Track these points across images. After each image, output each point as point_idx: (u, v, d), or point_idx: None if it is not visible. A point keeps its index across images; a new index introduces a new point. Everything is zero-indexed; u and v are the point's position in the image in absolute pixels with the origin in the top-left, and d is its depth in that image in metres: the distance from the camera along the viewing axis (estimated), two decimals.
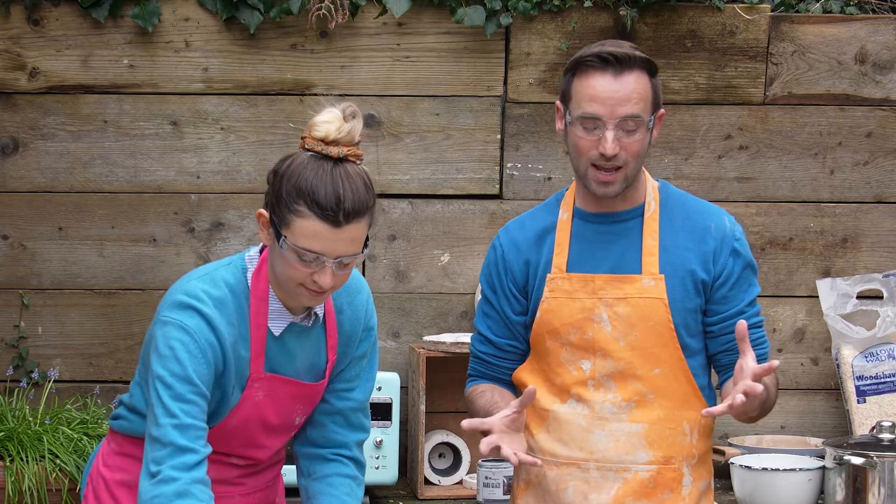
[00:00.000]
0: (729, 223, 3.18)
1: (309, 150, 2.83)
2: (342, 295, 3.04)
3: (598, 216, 3.17)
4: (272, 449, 3.06)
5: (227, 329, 2.87)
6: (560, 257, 3.17)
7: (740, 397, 2.85)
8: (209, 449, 2.85)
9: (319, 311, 2.99)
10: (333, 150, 2.82)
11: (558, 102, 3.14)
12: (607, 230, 3.17)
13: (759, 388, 2.87)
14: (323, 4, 4.69)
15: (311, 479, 3.12)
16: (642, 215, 3.16)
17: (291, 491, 3.30)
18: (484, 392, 3.23)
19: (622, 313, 3.11)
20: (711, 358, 3.20)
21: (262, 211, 2.86)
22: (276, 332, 2.94)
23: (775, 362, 2.91)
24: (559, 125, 3.14)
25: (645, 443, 3.13)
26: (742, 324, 2.91)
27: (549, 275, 3.17)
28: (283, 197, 2.79)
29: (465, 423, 3.01)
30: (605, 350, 3.12)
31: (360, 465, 3.14)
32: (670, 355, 3.12)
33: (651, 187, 3.19)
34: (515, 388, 3.28)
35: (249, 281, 2.92)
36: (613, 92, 3.04)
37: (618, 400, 3.13)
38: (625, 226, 3.16)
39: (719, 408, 2.90)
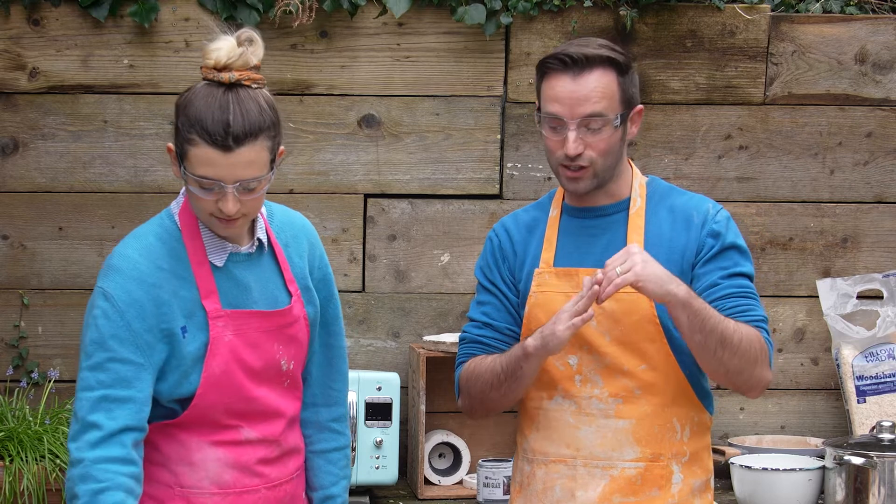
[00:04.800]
0: (712, 209, 3.17)
1: (204, 79, 2.88)
2: (285, 229, 3.09)
3: (583, 211, 3.19)
4: (271, 406, 3.03)
5: (156, 273, 2.90)
6: (548, 252, 3.19)
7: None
8: (120, 423, 2.85)
9: (262, 236, 3.02)
10: (224, 76, 2.85)
11: (537, 103, 3.17)
12: (591, 224, 3.18)
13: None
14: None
15: (308, 450, 3.17)
16: (627, 210, 3.17)
17: None
18: (485, 358, 3.19)
19: (607, 308, 3.10)
20: None
21: (170, 145, 2.91)
22: (219, 263, 2.96)
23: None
24: (538, 125, 3.17)
25: (632, 439, 3.12)
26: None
27: (536, 269, 3.19)
28: (180, 128, 2.85)
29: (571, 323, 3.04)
30: (590, 345, 3.12)
31: (347, 437, 3.22)
32: (657, 350, 3.11)
33: (638, 183, 3.19)
34: None
35: (179, 223, 2.96)
36: (572, 92, 3.07)
37: (604, 395, 3.12)
38: (609, 220, 3.18)
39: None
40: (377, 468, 4.50)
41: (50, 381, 4.56)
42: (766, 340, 3.09)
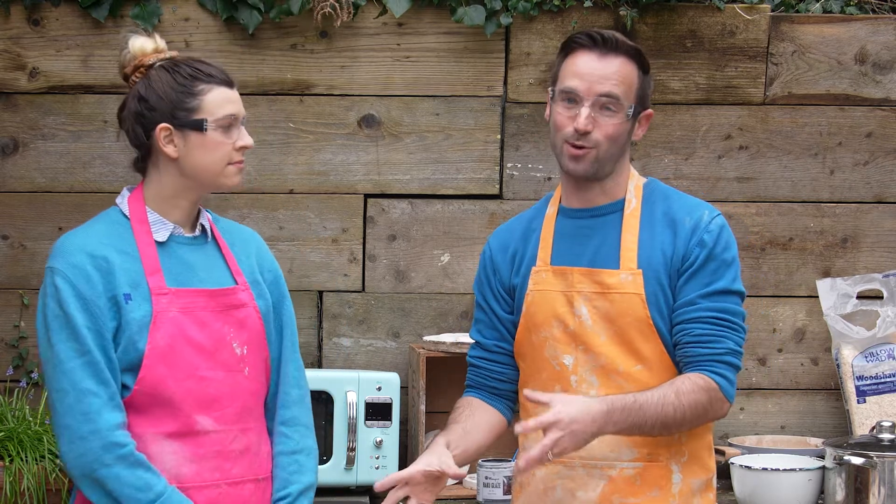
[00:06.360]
0: (707, 216, 3.13)
1: (153, 66, 3.09)
2: (231, 232, 3.23)
3: (578, 211, 3.19)
4: (224, 390, 3.04)
5: (100, 247, 3.02)
6: (544, 251, 3.19)
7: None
8: (111, 386, 2.94)
9: (205, 222, 3.16)
10: (172, 54, 3.14)
11: (549, 88, 3.17)
12: (586, 224, 3.18)
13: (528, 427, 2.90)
14: (328, 3, 4.69)
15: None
16: (621, 210, 3.16)
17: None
18: (459, 408, 3.28)
19: (601, 307, 3.11)
20: None
21: (164, 125, 3.05)
22: (161, 239, 3.07)
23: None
24: (547, 112, 3.16)
25: (629, 440, 3.12)
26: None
27: (534, 268, 3.19)
28: (176, 96, 3.05)
29: (378, 485, 3.05)
30: (586, 344, 3.12)
31: (297, 443, 3.21)
32: (652, 351, 3.10)
33: (634, 185, 3.19)
34: (507, 397, 3.30)
35: (127, 211, 3.09)
36: (594, 69, 3.08)
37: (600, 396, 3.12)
38: (602, 220, 3.17)
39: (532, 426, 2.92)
40: (377, 468, 4.50)
41: None
42: (718, 382, 3.06)
